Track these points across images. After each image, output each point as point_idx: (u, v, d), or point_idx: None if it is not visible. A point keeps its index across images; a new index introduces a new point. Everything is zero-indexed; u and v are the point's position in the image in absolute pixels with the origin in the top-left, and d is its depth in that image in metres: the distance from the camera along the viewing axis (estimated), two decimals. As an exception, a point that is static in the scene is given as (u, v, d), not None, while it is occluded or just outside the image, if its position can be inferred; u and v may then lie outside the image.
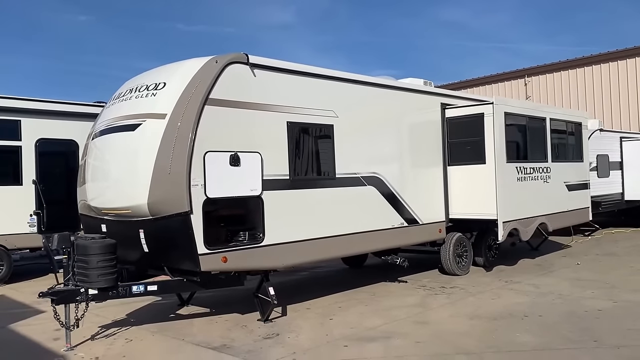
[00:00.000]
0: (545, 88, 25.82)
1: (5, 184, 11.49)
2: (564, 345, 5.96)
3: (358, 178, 8.58)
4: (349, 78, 8.57)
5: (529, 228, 10.62)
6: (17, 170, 11.67)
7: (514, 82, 26.90)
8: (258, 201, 7.16)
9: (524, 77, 26.41)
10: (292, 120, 7.63)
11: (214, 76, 6.75)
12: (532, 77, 26.23)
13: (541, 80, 25.95)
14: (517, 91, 26.77)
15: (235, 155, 6.85)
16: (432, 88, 10.34)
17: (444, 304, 8.23)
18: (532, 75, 26.22)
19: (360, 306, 8.26)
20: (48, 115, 12.13)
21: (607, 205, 16.25)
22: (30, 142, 11.81)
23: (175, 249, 6.76)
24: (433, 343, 6.24)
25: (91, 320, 7.90)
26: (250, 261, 7.11)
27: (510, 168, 10.12)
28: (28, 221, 11.74)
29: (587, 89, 24.40)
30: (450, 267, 10.26)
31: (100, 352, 6.42)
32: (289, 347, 6.33)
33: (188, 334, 7.03)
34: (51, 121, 12.16)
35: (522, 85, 26.54)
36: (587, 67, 24.49)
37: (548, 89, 25.70)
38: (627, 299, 7.98)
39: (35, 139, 11.85)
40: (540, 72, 25.96)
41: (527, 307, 7.71)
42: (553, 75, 25.56)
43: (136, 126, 6.91)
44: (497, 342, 6.19)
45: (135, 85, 7.46)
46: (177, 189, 6.42)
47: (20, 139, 11.71)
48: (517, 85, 26.81)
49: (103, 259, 6.58)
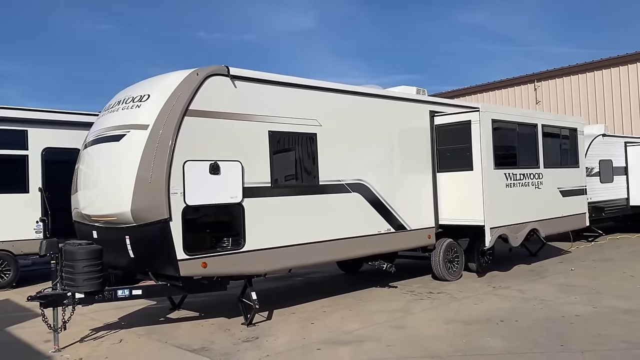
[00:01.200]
0: (555, 93, 25.70)
1: (12, 191, 11.91)
2: (529, 350, 6.05)
3: (342, 185, 8.76)
4: (333, 88, 8.76)
5: (519, 234, 10.67)
6: (24, 178, 12.08)
7: (524, 87, 26.82)
8: (239, 208, 7.39)
9: (533, 82, 26.31)
10: (273, 129, 7.86)
11: (194, 88, 7.02)
12: (542, 82, 26.12)
13: (551, 85, 25.83)
14: (527, 96, 26.69)
15: (214, 164, 7.09)
16: (420, 96, 10.48)
17: (426, 308, 8.35)
18: (542, 80, 26.10)
19: (344, 311, 8.43)
20: (53, 125, 12.54)
21: (610, 210, 16.16)
22: (37, 151, 12.23)
23: (157, 255, 7.02)
24: (403, 347, 6.38)
25: (85, 323, 8.25)
26: (230, 267, 7.34)
27: (498, 174, 10.20)
28: (34, 227, 12.13)
29: (598, 93, 24.22)
30: (441, 273, 10.36)
31: (85, 353, 6.70)
32: (264, 350, 6.53)
33: (172, 337, 7.27)
34: (57, 131, 12.58)
35: (532, 90, 26.44)
36: (597, 71, 24.32)
37: (558, 93, 25.57)
38: (607, 305, 8.02)
39: (41, 148, 12.26)
40: (550, 77, 25.84)
41: (506, 313, 7.80)
42: (563, 79, 25.43)
43: (121, 136, 7.21)
44: (466, 346, 6.31)
45: (123, 97, 7.76)
46: (157, 197, 6.69)
47: (27, 148, 12.15)
48: (527, 90, 26.72)
49: (89, 264, 6.87)
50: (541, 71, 26.10)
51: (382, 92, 9.76)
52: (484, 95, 28.30)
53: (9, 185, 11.91)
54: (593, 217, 15.39)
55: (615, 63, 23.68)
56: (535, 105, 26.16)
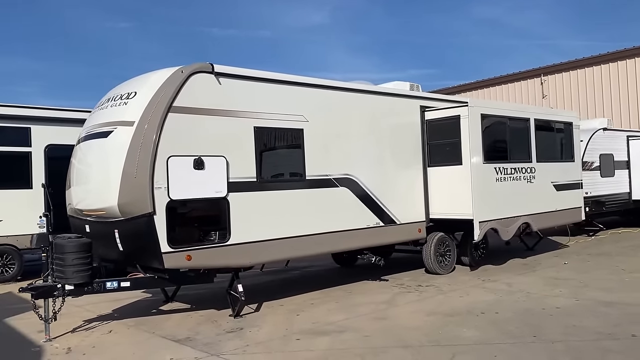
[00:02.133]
0: (562, 86, 25.54)
1: (16, 187, 12.22)
2: (501, 340, 6.16)
3: (330, 179, 8.90)
4: (319, 84, 8.90)
5: (510, 228, 10.73)
6: (28, 174, 12.39)
7: (530, 81, 26.68)
8: (224, 202, 7.57)
9: (540, 75, 26.16)
10: (259, 125, 8.02)
11: (178, 85, 7.20)
12: (548, 76, 25.97)
13: (557, 79, 25.67)
14: (533, 90, 26.55)
15: (199, 159, 7.28)
16: (410, 91, 10.56)
17: (412, 301, 8.47)
18: (549, 74, 25.95)
19: (331, 303, 8.58)
20: (56, 123, 12.82)
21: (611, 204, 16.11)
22: (40, 148, 12.53)
23: (143, 248, 7.22)
24: (379, 337, 6.52)
25: (80, 315, 8.51)
26: (215, 259, 7.52)
27: (487, 169, 10.27)
28: (38, 222, 12.42)
29: (604, 87, 24.03)
30: (432, 266, 10.47)
31: (75, 343, 6.93)
32: (245, 339, 6.71)
33: (160, 328, 7.48)
34: (59, 128, 12.85)
35: (539, 84, 26.30)
36: (604, 65, 24.12)
37: (564, 87, 25.41)
38: (590, 297, 8.08)
39: (44, 144, 12.56)
40: (557, 71, 25.68)
41: (489, 305, 7.90)
42: (569, 73, 25.26)
43: (109, 133, 7.42)
44: (441, 336, 6.43)
45: (113, 95, 7.97)
46: (141, 192, 6.89)
47: (30, 145, 12.45)
48: (534, 84, 26.58)
49: (78, 257, 7.10)
50: (547, 65, 25.96)
51: (370, 87, 9.88)
52: (490, 89, 28.21)
53: (13, 181, 12.21)
54: (593, 211, 15.40)
55: (622, 56, 23.46)
56: (542, 99, 26.03)
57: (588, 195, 15.16)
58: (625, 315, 6.98)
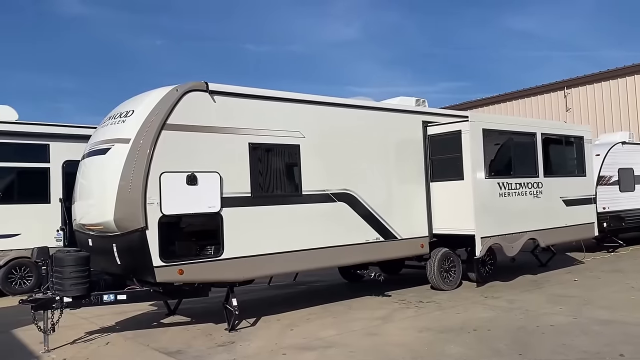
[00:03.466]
0: (585, 99, 25.06)
1: (35, 202, 12.64)
2: (486, 357, 6.09)
3: (327, 195, 8.97)
4: (316, 100, 9.00)
5: (515, 244, 10.57)
6: (46, 189, 12.82)
7: (554, 94, 26.26)
8: (217, 217, 7.71)
9: (563, 89, 25.75)
10: (254, 141, 8.16)
11: (172, 103, 7.41)
12: (572, 89, 25.53)
13: (581, 92, 25.21)
14: (556, 104, 26.13)
15: (192, 175, 7.45)
16: (411, 107, 10.57)
17: (408, 317, 8.43)
18: (572, 87, 25.51)
19: (328, 318, 8.60)
20: (74, 139, 13.20)
21: (631, 220, 15.69)
22: (58, 164, 12.95)
23: (137, 262, 7.40)
24: (364, 353, 6.52)
25: (83, 326, 8.74)
26: (208, 274, 7.65)
27: (490, 183, 10.17)
28: (55, 236, 12.82)
29: (630, 100, 23.48)
30: (436, 282, 10.39)
31: (71, 354, 7.13)
32: (233, 353, 6.80)
33: (155, 340, 7.63)
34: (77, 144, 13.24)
35: (562, 98, 25.88)
36: (629, 77, 23.60)
37: (589, 100, 24.93)
38: (588, 316, 7.90)
39: (62, 160, 12.97)
40: (581, 84, 25.22)
41: (483, 322, 7.80)
42: (594, 86, 24.78)
43: (107, 150, 7.67)
44: (426, 353, 6.39)
45: (114, 113, 8.25)
46: (135, 207, 7.09)
47: (48, 161, 12.89)
48: (557, 97, 26.16)
49: (75, 270, 7.34)
50: (571, 78, 25.52)
51: (369, 103, 9.95)
52: (513, 103, 27.87)
53: (32, 196, 12.65)
54: (612, 227, 15.05)
55: (648, 68, 22.93)
56: (566, 112, 25.59)
57: (606, 210, 14.86)
58: (619, 335, 6.81)
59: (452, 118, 10.61)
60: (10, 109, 13.09)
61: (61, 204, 12.84)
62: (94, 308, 8.69)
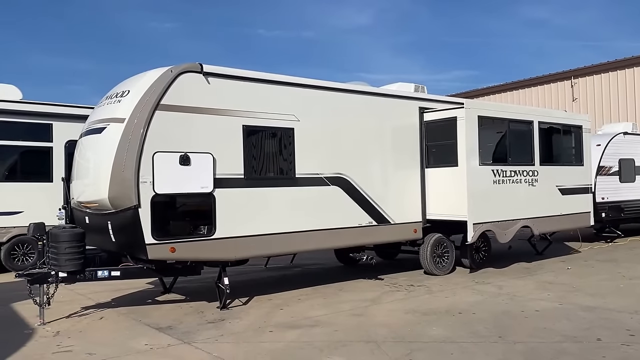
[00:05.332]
0: (592, 90, 24.91)
1: (38, 180, 12.86)
2: (465, 339, 6.21)
3: (321, 178, 9.07)
4: (312, 84, 9.07)
5: (508, 231, 10.65)
6: (49, 168, 13.02)
7: (560, 84, 26.11)
8: (209, 198, 7.84)
9: (570, 78, 25.59)
10: (248, 123, 8.27)
11: (166, 84, 7.52)
12: (579, 79, 25.36)
13: (588, 82, 25.05)
14: (563, 93, 25.98)
15: (184, 155, 7.57)
16: (408, 92, 10.61)
17: (396, 299, 8.56)
18: (579, 77, 25.34)
19: (318, 299, 8.75)
20: (76, 119, 13.35)
21: (631, 211, 15.68)
22: (61, 144, 13.13)
23: (131, 239, 7.56)
24: (347, 332, 6.66)
25: (80, 302, 8.95)
26: (200, 252, 7.81)
27: (484, 170, 10.23)
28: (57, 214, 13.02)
29: (637, 90, 23.31)
30: (429, 267, 10.50)
31: (65, 327, 7.33)
32: (221, 330, 6.97)
33: (147, 316, 7.81)
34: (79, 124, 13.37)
35: (569, 88, 25.72)
36: (637, 68, 23.40)
37: (595, 90, 24.77)
38: (574, 302, 7.99)
39: (64, 140, 13.14)
40: (588, 74, 25.06)
41: (469, 305, 7.92)
42: (601, 76, 24.62)
43: (103, 129, 7.81)
44: (408, 334, 6.53)
45: (111, 93, 8.37)
46: (128, 185, 7.24)
47: (52, 141, 13.08)
48: (564, 87, 26.01)
49: (70, 245, 7.52)
50: (578, 67, 25.35)
51: (366, 88, 9.99)
52: (520, 92, 27.74)
53: (35, 175, 12.86)
54: (610, 217, 15.07)
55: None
56: (572, 102, 25.45)
57: (605, 200, 14.87)
58: (601, 320, 6.91)
59: (448, 105, 10.63)
60: (15, 88, 13.25)
61: (63, 183, 13.03)
62: (91, 284, 8.92)
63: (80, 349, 6.26)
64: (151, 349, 6.23)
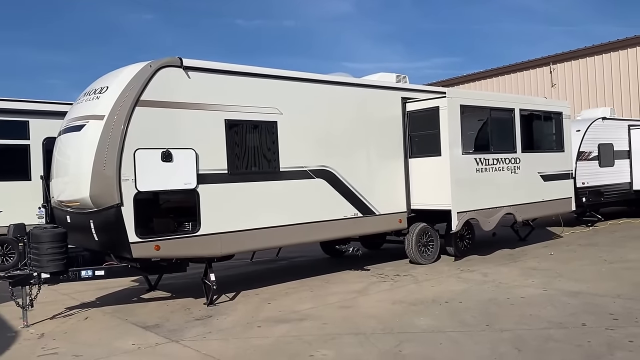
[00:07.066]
0: (571, 75, 25.17)
1: (15, 179, 12.61)
2: (453, 329, 6.26)
3: (305, 171, 9.03)
4: (294, 76, 9.00)
5: (492, 218, 10.74)
6: (26, 166, 12.78)
7: (539, 70, 26.33)
8: (193, 194, 7.76)
9: (549, 64, 25.81)
10: (230, 117, 8.18)
11: (146, 80, 7.39)
12: (557, 65, 25.60)
13: (567, 68, 25.30)
14: (542, 79, 26.21)
15: (166, 151, 7.47)
16: (390, 83, 10.59)
17: (383, 290, 8.59)
18: (558, 63, 25.58)
19: (305, 292, 8.74)
20: (53, 116, 13.08)
21: (610, 195, 15.93)
22: (38, 141, 12.88)
23: (114, 238, 7.46)
24: (336, 325, 6.67)
25: (64, 302, 8.83)
26: (185, 249, 7.73)
27: (467, 159, 10.29)
28: (37, 213, 12.83)
29: (614, 75, 23.60)
30: (414, 256, 10.55)
31: (50, 329, 7.22)
32: (209, 327, 6.93)
33: (134, 315, 7.74)
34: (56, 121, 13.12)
35: (548, 74, 25.95)
36: (614, 53, 23.68)
37: (574, 76, 25.04)
38: (558, 288, 8.10)
39: (42, 137, 12.90)
40: (566, 59, 25.31)
41: (456, 294, 7.98)
42: (579, 62, 24.87)
43: (82, 127, 7.67)
44: (395, 324, 6.55)
45: (89, 89, 8.21)
46: (109, 183, 7.13)
47: (28, 138, 12.82)
48: (543, 73, 26.23)
49: (52, 246, 7.38)
50: (557, 53, 25.58)
51: (347, 79, 9.95)
52: (499, 79, 27.93)
53: (12, 174, 12.61)
54: (591, 201, 15.28)
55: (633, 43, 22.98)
56: (551, 87, 25.69)
57: (585, 185, 15.07)
58: (585, 305, 7.01)
59: (430, 94, 10.64)
60: (-11, 85, 12.97)
61: (42, 181, 12.80)
62: (75, 284, 8.78)
63: (66, 351, 6.18)
64: (139, 348, 6.17)
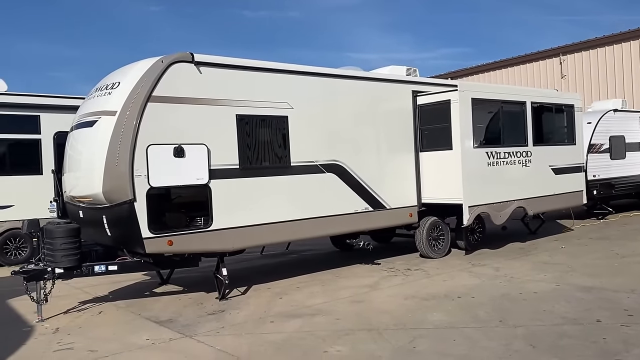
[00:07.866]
0: (581, 66, 24.93)
1: (27, 173, 12.70)
2: (466, 325, 6.25)
3: (316, 166, 9.02)
4: (305, 71, 8.98)
5: (503, 212, 10.69)
6: (38, 161, 12.86)
7: (549, 61, 26.10)
8: (205, 189, 7.77)
9: (558, 55, 25.58)
10: (241, 113, 8.17)
11: (158, 75, 7.39)
12: (567, 55, 25.37)
13: (577, 58, 25.06)
14: (552, 70, 25.99)
15: (179, 147, 7.48)
16: (400, 76, 10.54)
17: (395, 284, 8.60)
18: (568, 54, 25.34)
19: (317, 286, 8.76)
20: (64, 110, 13.15)
21: (622, 187, 15.82)
22: (49, 135, 12.96)
23: (127, 233, 7.50)
24: (349, 320, 6.68)
25: (77, 296, 8.90)
26: (198, 244, 7.76)
27: (479, 153, 10.24)
28: (48, 207, 12.89)
29: (625, 66, 23.36)
30: (424, 250, 10.54)
31: (64, 323, 7.29)
32: (222, 322, 6.95)
33: (147, 309, 7.79)
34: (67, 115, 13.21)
35: (557, 65, 25.72)
36: (625, 43, 23.42)
37: (584, 66, 24.80)
38: (571, 282, 8.06)
39: (53, 132, 12.97)
40: (576, 50, 25.05)
41: (468, 289, 7.97)
42: (589, 52, 24.61)
43: (94, 122, 7.68)
44: (408, 320, 6.55)
45: (100, 85, 8.22)
46: (122, 179, 7.15)
47: (40, 133, 12.89)
48: (552, 64, 26.00)
49: (66, 241, 7.43)
50: (567, 44, 25.34)
51: (358, 73, 9.91)
52: (508, 70, 27.71)
53: (24, 168, 12.69)
54: (602, 194, 15.19)
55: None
56: (561, 79, 25.48)
57: (596, 178, 14.97)
58: (598, 300, 6.98)
59: (442, 87, 10.58)
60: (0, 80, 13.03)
61: (54, 175, 12.88)
62: (88, 278, 8.81)
63: (81, 346, 6.23)
64: (153, 344, 6.21)
